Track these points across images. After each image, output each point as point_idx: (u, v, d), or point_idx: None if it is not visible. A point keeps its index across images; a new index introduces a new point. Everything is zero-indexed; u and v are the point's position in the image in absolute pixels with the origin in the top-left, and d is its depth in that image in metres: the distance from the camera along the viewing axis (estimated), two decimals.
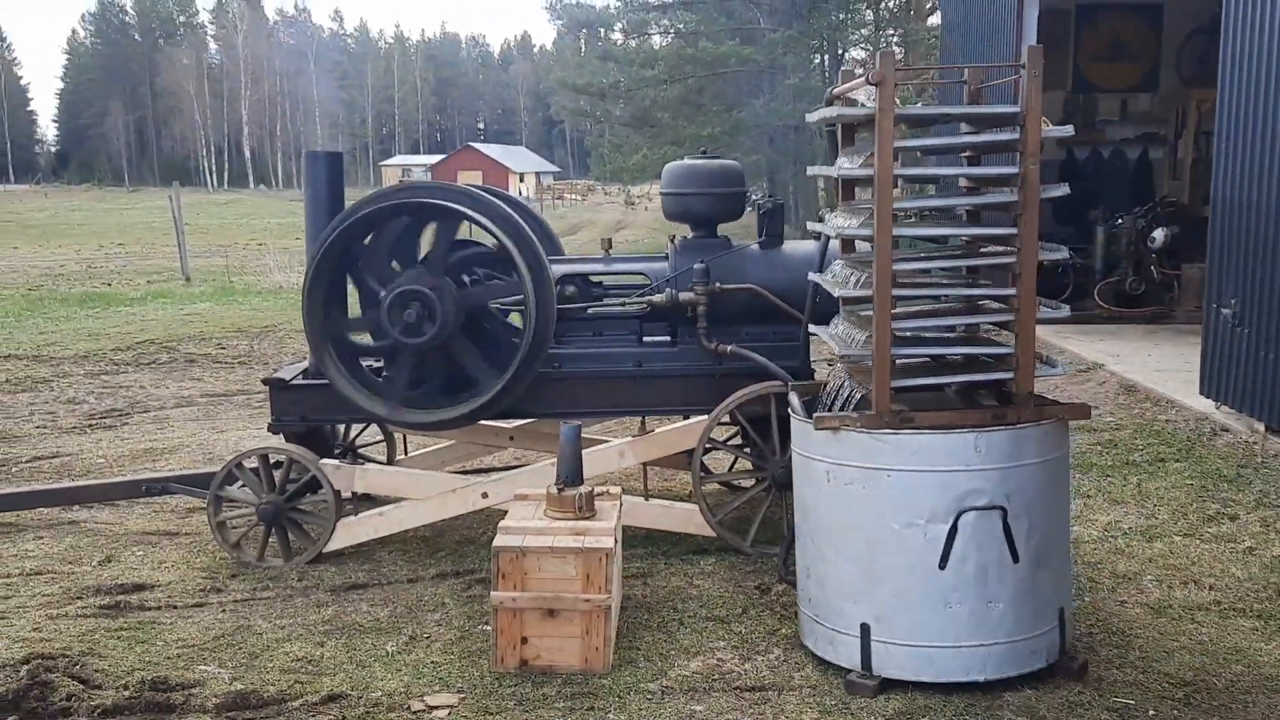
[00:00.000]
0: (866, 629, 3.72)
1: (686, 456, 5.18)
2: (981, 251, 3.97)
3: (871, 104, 3.67)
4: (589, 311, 5.30)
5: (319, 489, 5.07)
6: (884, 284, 3.65)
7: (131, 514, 5.86)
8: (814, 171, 4.46)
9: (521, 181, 71.73)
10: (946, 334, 4.14)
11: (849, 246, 4.44)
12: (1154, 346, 9.70)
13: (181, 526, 5.66)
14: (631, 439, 5.23)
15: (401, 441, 6.25)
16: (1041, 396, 3.82)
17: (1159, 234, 11.16)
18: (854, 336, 3.95)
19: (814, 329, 4.41)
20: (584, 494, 4.21)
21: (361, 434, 6.25)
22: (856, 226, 3.85)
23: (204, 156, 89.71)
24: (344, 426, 6.04)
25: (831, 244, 4.90)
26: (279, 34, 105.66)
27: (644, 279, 5.33)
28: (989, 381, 3.94)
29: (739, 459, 5.85)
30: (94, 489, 5.71)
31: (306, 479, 5.08)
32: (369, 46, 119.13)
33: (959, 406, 3.97)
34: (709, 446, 5.10)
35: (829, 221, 4.18)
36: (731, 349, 5.08)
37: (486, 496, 5.06)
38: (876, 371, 3.69)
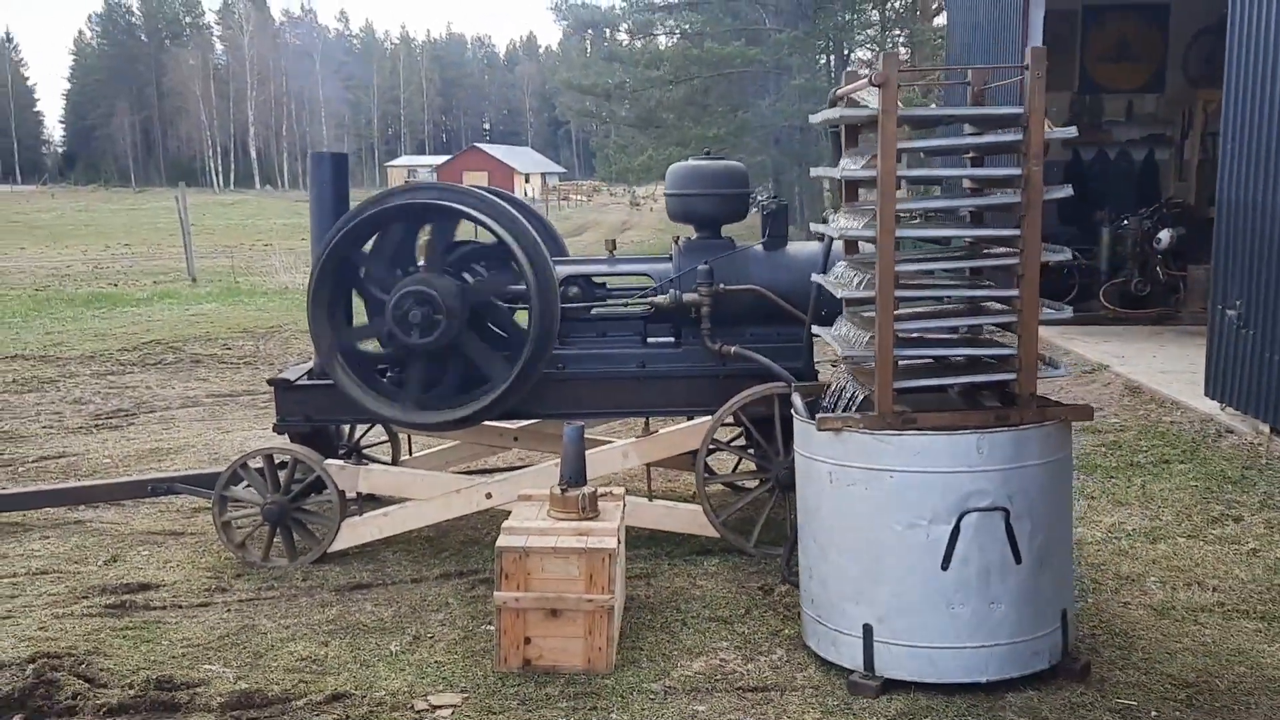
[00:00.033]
0: (869, 630, 3.73)
1: (690, 457, 5.19)
2: (985, 253, 3.98)
3: (875, 105, 3.67)
4: (593, 312, 5.31)
5: (324, 489, 5.09)
6: (887, 285, 3.65)
7: (137, 514, 5.88)
8: (817, 173, 4.46)
9: (527, 182, 71.80)
10: (949, 335, 4.14)
11: (852, 248, 4.45)
12: (1159, 348, 9.69)
13: (187, 526, 5.68)
14: (635, 440, 5.24)
15: (406, 442, 6.26)
16: (1044, 398, 3.82)
17: (1165, 235, 11.14)
18: (857, 337, 3.96)
19: (817, 330, 4.42)
20: (587, 494, 4.22)
21: (366, 434, 6.26)
22: (859, 228, 3.85)
23: (210, 157, 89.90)
24: (349, 427, 6.06)
25: (835, 245, 4.90)
26: (285, 35, 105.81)
27: (648, 280, 5.34)
28: (992, 383, 3.95)
29: (742, 460, 5.85)
30: (100, 489, 5.73)
31: (311, 479, 5.09)
32: (375, 47, 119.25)
33: (962, 408, 3.97)
34: (712, 447, 5.10)
35: (832, 223, 4.19)
36: (735, 350, 5.09)
37: (490, 497, 5.07)
38: (879, 373, 3.69)
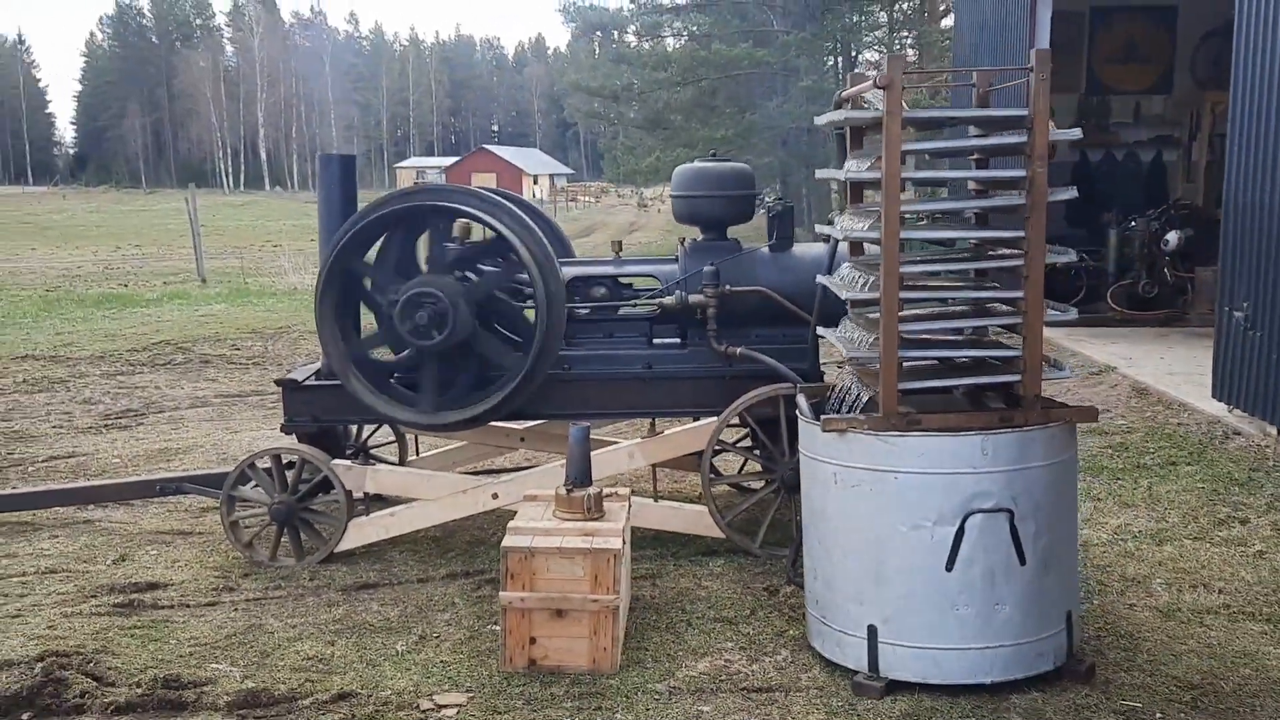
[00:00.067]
0: (873, 630, 3.73)
1: (696, 458, 5.20)
2: (990, 254, 3.99)
3: (880, 107, 3.68)
4: (599, 313, 5.32)
5: (331, 489, 5.11)
6: (891, 286, 3.66)
7: (146, 513, 5.91)
8: (823, 174, 4.48)
9: (535, 183, 71.91)
10: (954, 337, 4.15)
11: (857, 249, 4.46)
12: (1167, 349, 9.67)
13: (195, 526, 5.71)
14: (641, 440, 5.25)
15: (413, 442, 6.28)
16: (1049, 399, 3.83)
17: (1172, 237, 11.12)
18: (862, 339, 3.96)
19: (822, 331, 4.42)
20: (592, 495, 4.23)
21: (373, 435, 6.29)
22: (864, 229, 3.86)
23: (220, 158, 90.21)
24: (356, 427, 6.08)
25: (841, 246, 4.91)
26: (295, 36, 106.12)
27: (654, 281, 5.35)
28: (997, 384, 3.95)
29: (748, 461, 5.86)
30: (109, 488, 5.77)
31: (318, 479, 5.11)
32: (384, 49, 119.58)
33: (967, 409, 3.98)
34: (718, 448, 5.11)
35: (837, 224, 4.19)
36: (741, 351, 5.09)
37: (497, 497, 5.08)
38: (884, 374, 3.70)
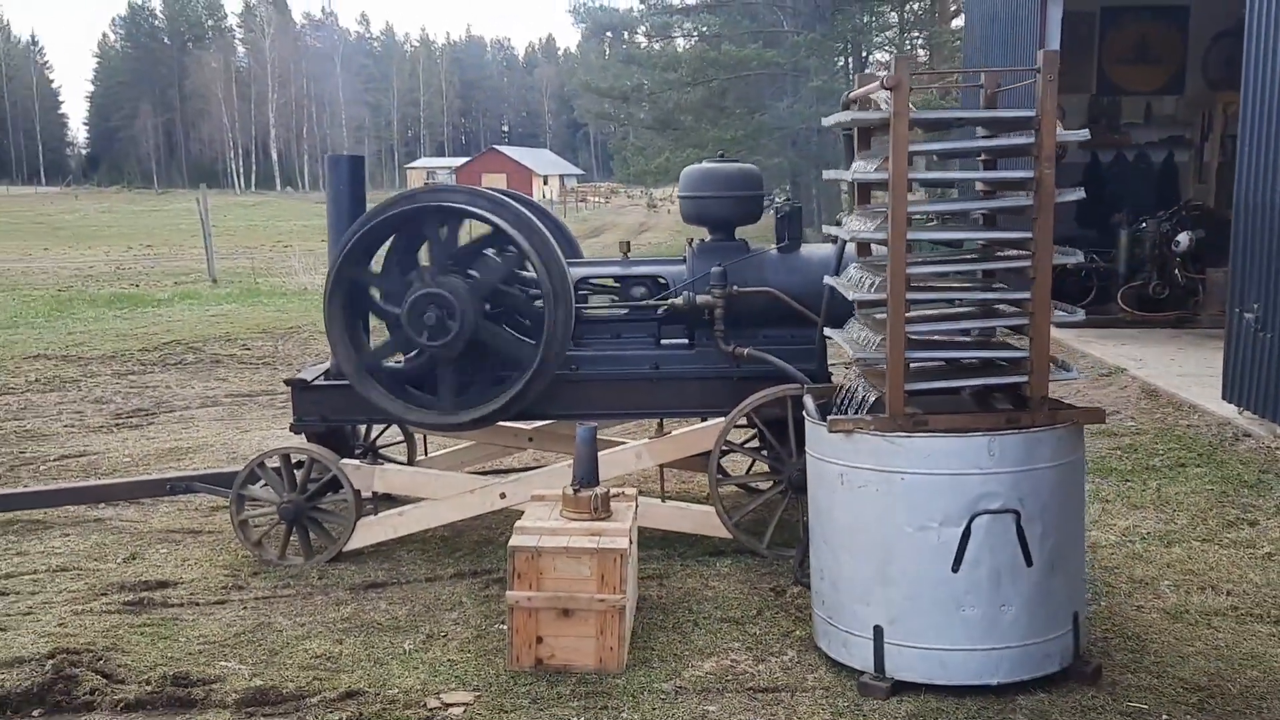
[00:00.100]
0: (879, 631, 3.73)
1: (703, 459, 5.21)
2: (997, 255, 3.98)
3: (887, 107, 3.68)
4: (606, 313, 5.33)
5: (339, 488, 5.13)
6: (898, 287, 3.66)
7: (156, 512, 5.95)
8: (830, 175, 4.48)
9: (545, 184, 71.96)
10: (961, 337, 4.14)
11: (865, 250, 4.46)
12: (1177, 351, 9.64)
13: (205, 525, 5.74)
14: (648, 441, 5.27)
15: (421, 442, 6.30)
16: (1056, 400, 3.82)
17: (1183, 238, 11.07)
18: (869, 339, 3.97)
19: (829, 332, 4.43)
20: (599, 495, 4.25)
21: (382, 434, 6.31)
22: (871, 230, 3.86)
23: (231, 159, 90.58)
24: (365, 426, 6.10)
25: (849, 247, 4.92)
26: (306, 37, 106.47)
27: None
28: (1004, 385, 3.94)
29: (756, 461, 5.87)
30: (120, 487, 5.80)
31: (327, 478, 5.14)
32: (395, 49, 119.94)
33: (973, 410, 3.98)
34: (726, 449, 5.12)
35: (845, 225, 4.20)
36: (748, 352, 5.10)
37: (505, 497, 5.10)
38: (890, 374, 3.70)
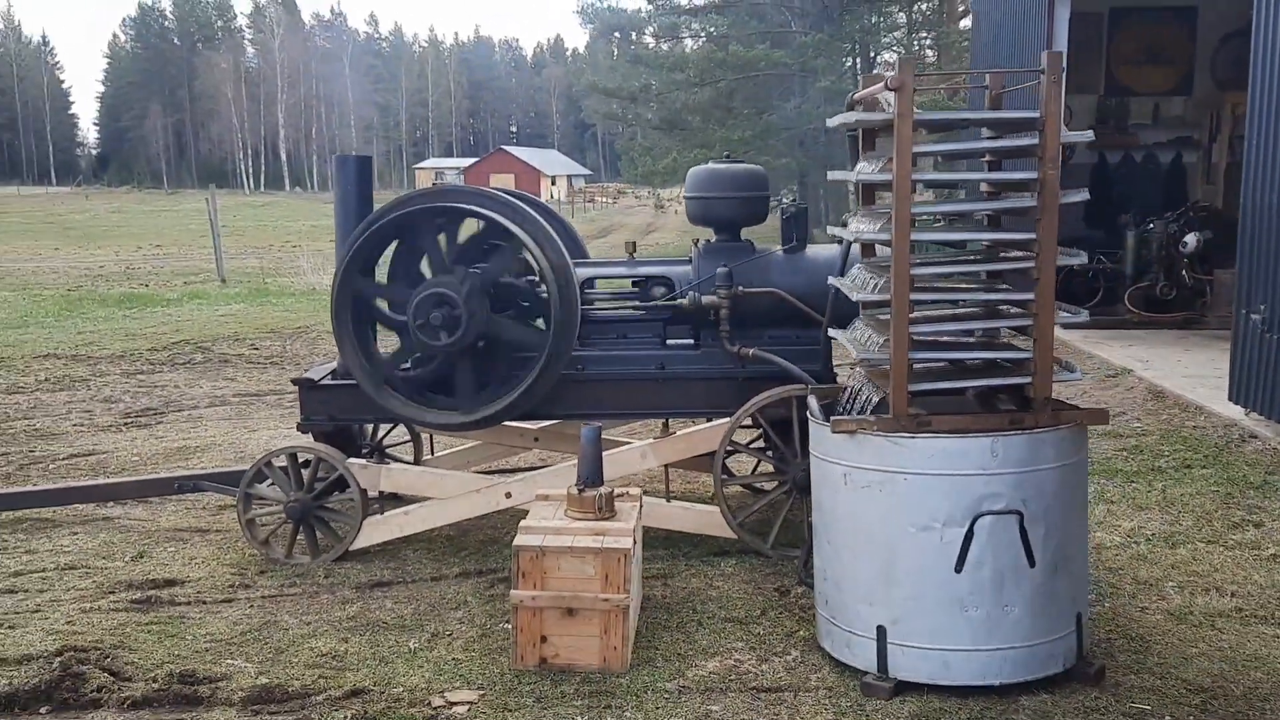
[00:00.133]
0: (883, 631, 3.74)
1: (708, 459, 5.22)
2: (1001, 256, 3.99)
3: (891, 109, 3.69)
4: (608, 313, 5.35)
5: (346, 488, 5.16)
6: (901, 288, 3.67)
7: (164, 511, 5.98)
8: (834, 176, 4.49)
9: (553, 184, 72.01)
10: (965, 338, 4.15)
11: (869, 251, 4.47)
12: (1184, 352, 9.63)
13: (212, 523, 5.77)
14: (653, 441, 5.28)
15: (428, 441, 6.33)
16: (1059, 401, 3.82)
17: (1191, 239, 11.05)
18: (872, 340, 3.97)
19: (833, 333, 4.44)
20: (604, 495, 4.26)
21: (389, 434, 6.33)
22: (875, 231, 3.87)
23: (241, 159, 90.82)
24: (372, 426, 6.12)
25: (854, 248, 4.92)
26: (315, 38, 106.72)
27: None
28: (1008, 386, 3.95)
29: (761, 461, 5.87)
30: (128, 486, 5.84)
31: (334, 478, 5.16)
32: (403, 50, 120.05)
33: (977, 411, 3.98)
34: (731, 449, 5.13)
35: (849, 226, 4.21)
36: (753, 352, 5.11)
37: (510, 496, 5.12)
38: (894, 375, 3.71)
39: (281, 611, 4.57)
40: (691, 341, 5.34)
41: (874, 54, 26.17)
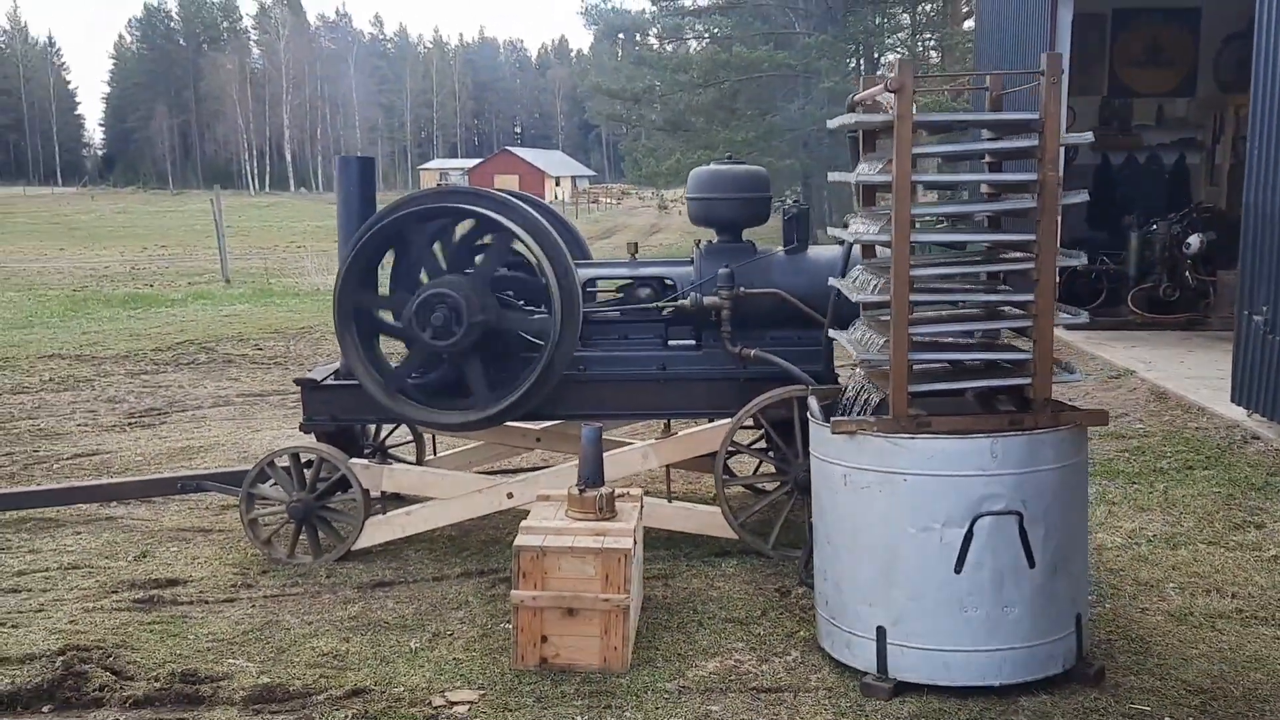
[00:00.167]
0: (882, 632, 3.75)
1: (710, 459, 5.23)
2: (1000, 257, 3.99)
3: (891, 110, 3.70)
4: (613, 314, 5.36)
5: (348, 488, 5.17)
6: (901, 289, 3.68)
7: (167, 511, 6.00)
8: (835, 177, 4.49)
9: (558, 185, 72.11)
10: (965, 339, 4.15)
11: (870, 252, 4.48)
12: (1187, 353, 9.62)
13: (215, 523, 5.79)
14: (655, 441, 5.29)
15: (430, 441, 6.34)
16: (1059, 402, 3.83)
17: (1194, 240, 11.04)
18: (873, 341, 3.98)
19: (833, 333, 4.44)
20: (604, 495, 4.27)
21: (391, 434, 6.35)
22: (875, 232, 3.88)
23: (246, 160, 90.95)
24: (374, 426, 6.14)
25: (855, 249, 4.93)
26: (320, 39, 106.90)
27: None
28: (1007, 387, 3.96)
29: (762, 462, 5.88)
30: (131, 486, 5.86)
31: (336, 478, 5.18)
32: (408, 51, 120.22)
33: (977, 411, 3.99)
34: (732, 450, 5.14)
35: (850, 227, 4.21)
36: (755, 353, 5.12)
37: (512, 497, 5.13)
38: (894, 376, 3.71)
39: (283, 611, 4.58)
40: (693, 342, 5.35)
41: (878, 55, 26.17)
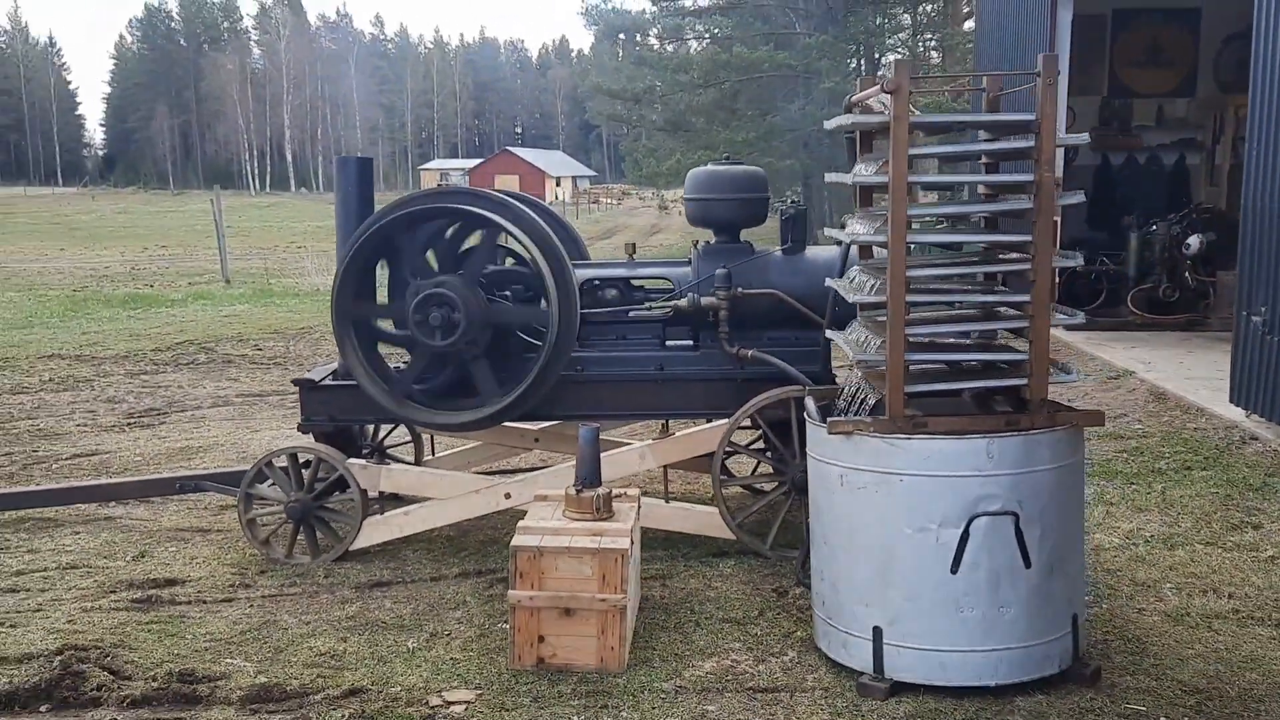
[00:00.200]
0: (879, 632, 3.75)
1: (707, 459, 5.23)
2: (997, 258, 4.00)
3: (888, 111, 3.70)
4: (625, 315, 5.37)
5: (346, 488, 5.17)
6: (898, 290, 3.68)
7: (165, 511, 6.00)
8: (832, 178, 4.50)
9: (558, 185, 72.14)
10: (961, 340, 4.16)
11: (867, 252, 4.48)
12: (1187, 354, 9.62)
13: (213, 523, 5.79)
14: (653, 442, 5.29)
15: (428, 442, 6.34)
16: (1055, 403, 3.83)
17: (1194, 240, 11.04)
18: (869, 341, 3.98)
19: (830, 334, 4.45)
20: (602, 495, 4.27)
21: (389, 434, 6.35)
22: (871, 233, 3.89)
23: (246, 160, 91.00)
24: (372, 426, 6.14)
25: (853, 249, 4.93)
26: (321, 39, 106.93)
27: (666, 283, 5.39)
28: (1004, 388, 3.96)
29: (760, 463, 5.88)
30: (130, 486, 5.86)
31: (334, 478, 5.18)
32: (409, 51, 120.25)
33: (973, 412, 3.99)
34: (730, 450, 5.14)
35: (847, 227, 4.22)
36: (752, 354, 5.12)
37: (510, 497, 5.13)
38: (890, 377, 3.72)
39: (281, 611, 4.58)
40: (691, 343, 5.35)
41: (878, 56, 26.17)
